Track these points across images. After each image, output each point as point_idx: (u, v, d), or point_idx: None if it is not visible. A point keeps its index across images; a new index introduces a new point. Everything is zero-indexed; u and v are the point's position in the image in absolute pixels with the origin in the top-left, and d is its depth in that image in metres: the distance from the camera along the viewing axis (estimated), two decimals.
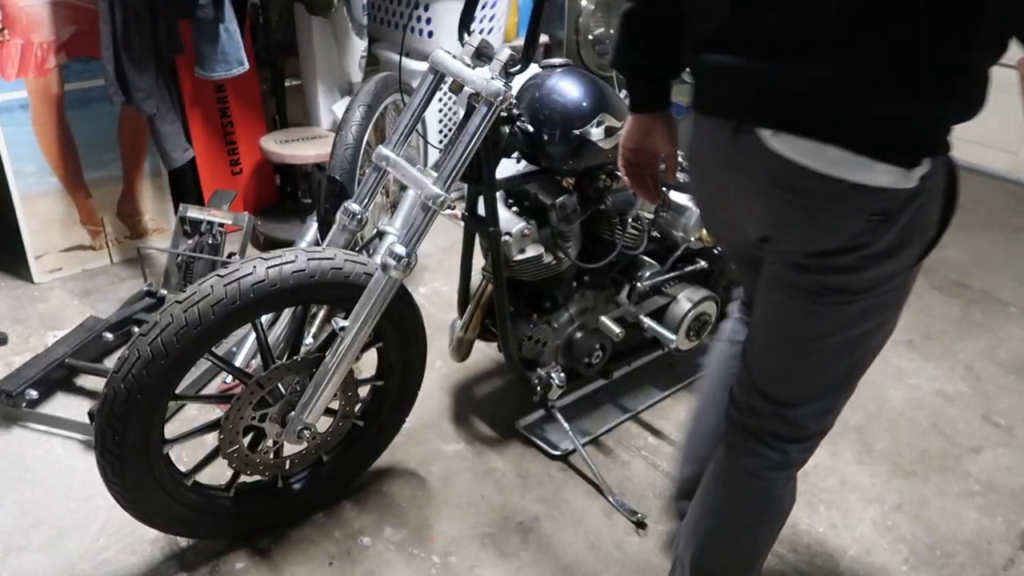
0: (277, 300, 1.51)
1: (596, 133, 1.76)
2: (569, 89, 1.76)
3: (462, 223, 1.93)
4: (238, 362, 2.22)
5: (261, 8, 3.18)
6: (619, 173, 1.44)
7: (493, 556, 1.78)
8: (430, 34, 3.20)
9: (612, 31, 4.21)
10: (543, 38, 3.87)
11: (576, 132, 1.74)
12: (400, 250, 1.54)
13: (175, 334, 1.42)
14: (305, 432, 1.64)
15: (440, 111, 3.39)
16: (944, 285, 3.05)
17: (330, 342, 1.61)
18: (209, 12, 2.46)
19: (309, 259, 1.52)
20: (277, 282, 1.48)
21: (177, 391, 1.53)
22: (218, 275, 1.47)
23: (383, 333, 1.72)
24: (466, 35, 1.66)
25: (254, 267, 1.48)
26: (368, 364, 1.92)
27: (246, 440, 1.67)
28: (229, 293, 1.45)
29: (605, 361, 2.14)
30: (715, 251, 2.29)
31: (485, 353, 2.46)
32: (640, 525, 1.87)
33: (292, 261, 1.51)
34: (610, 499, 1.93)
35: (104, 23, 2.37)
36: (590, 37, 4.06)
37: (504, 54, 1.56)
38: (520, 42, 3.77)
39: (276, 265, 1.49)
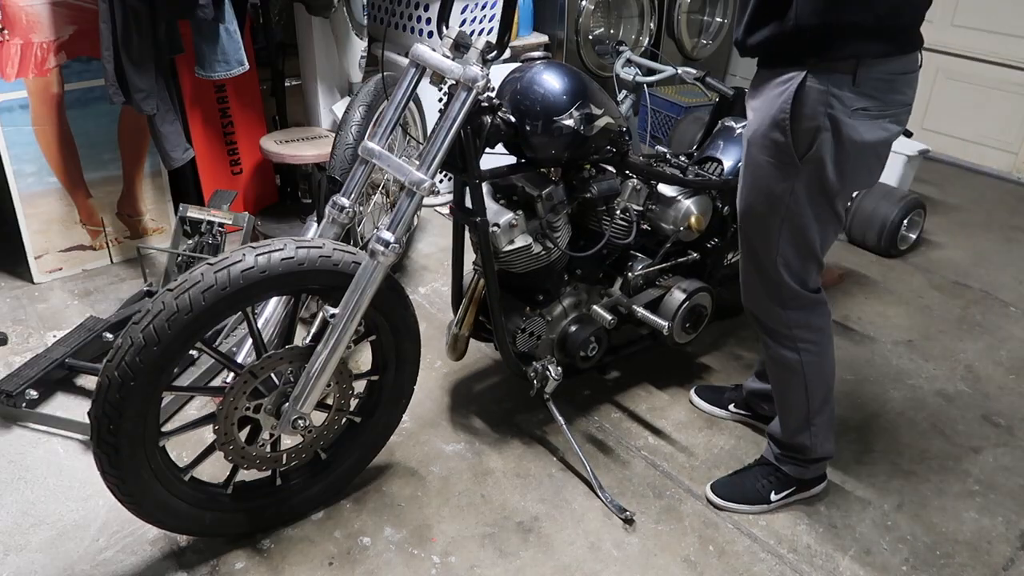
0: (266, 287, 1.52)
1: (575, 120, 1.77)
2: (549, 80, 1.80)
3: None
4: (239, 361, 2.22)
5: (261, 8, 3.19)
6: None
7: (493, 556, 1.78)
8: (430, 34, 3.20)
9: (612, 31, 4.22)
10: (543, 38, 3.87)
11: (556, 120, 1.76)
12: (387, 236, 1.56)
13: (166, 320, 1.43)
14: (300, 422, 1.65)
15: (440, 111, 3.39)
16: (944, 285, 3.05)
17: (323, 332, 1.63)
18: (209, 12, 2.46)
19: (298, 247, 1.55)
20: (266, 269, 1.50)
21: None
22: (208, 263, 1.49)
23: (375, 325, 1.73)
24: (444, 29, 1.73)
25: (244, 255, 1.50)
26: (368, 364, 1.92)
27: (242, 434, 1.67)
28: (219, 280, 1.46)
29: (601, 354, 2.14)
30: (708, 244, 2.29)
31: (484, 353, 2.46)
32: (628, 522, 1.87)
33: (281, 249, 1.53)
34: (600, 495, 1.93)
35: (104, 23, 2.37)
36: (590, 37, 4.06)
37: (480, 42, 1.62)
38: (520, 42, 3.79)
39: (265, 253, 1.51)
